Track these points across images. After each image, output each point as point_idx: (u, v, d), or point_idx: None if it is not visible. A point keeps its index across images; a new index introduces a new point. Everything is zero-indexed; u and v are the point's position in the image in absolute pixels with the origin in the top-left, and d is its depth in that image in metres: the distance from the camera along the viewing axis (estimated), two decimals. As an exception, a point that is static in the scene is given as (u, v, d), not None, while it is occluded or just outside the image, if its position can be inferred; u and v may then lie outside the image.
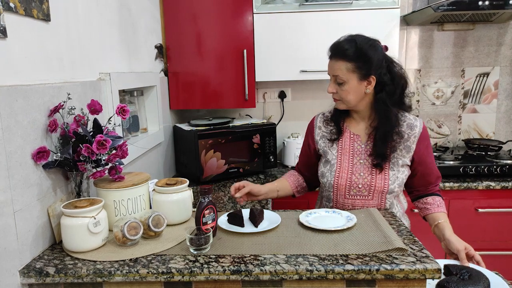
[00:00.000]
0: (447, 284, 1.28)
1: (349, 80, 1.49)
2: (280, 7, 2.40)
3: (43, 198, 1.24)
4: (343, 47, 1.49)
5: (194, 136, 2.26)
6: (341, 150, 1.62)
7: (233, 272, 1.10)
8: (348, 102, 1.53)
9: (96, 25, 1.61)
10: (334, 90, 1.53)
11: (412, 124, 1.56)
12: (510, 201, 2.26)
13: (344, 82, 1.49)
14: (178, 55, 2.48)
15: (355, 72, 1.48)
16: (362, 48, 1.48)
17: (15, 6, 1.13)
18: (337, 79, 1.51)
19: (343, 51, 1.49)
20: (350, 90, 1.50)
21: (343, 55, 1.48)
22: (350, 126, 1.63)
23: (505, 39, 2.71)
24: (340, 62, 1.49)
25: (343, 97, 1.52)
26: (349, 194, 1.58)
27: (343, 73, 1.48)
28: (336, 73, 1.50)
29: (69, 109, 1.31)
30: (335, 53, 1.51)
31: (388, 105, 1.52)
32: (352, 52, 1.47)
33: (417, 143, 1.55)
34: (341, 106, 1.57)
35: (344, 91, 1.51)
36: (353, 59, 1.47)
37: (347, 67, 1.48)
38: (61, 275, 1.12)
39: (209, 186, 1.29)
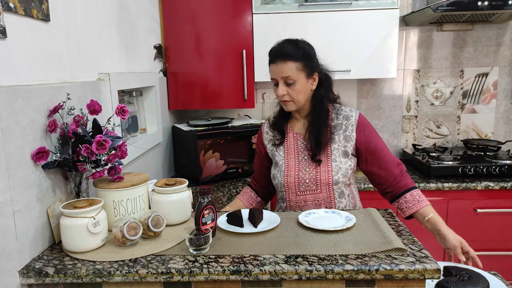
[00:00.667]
0: (446, 284, 1.28)
1: (299, 79, 1.54)
2: (279, 8, 2.41)
3: (42, 198, 1.24)
4: (288, 48, 1.55)
5: (193, 136, 2.26)
6: (287, 150, 1.68)
7: (232, 272, 1.10)
8: (299, 101, 1.58)
9: (95, 26, 1.61)
10: (285, 92, 1.56)
11: (347, 115, 1.62)
12: (509, 201, 2.26)
13: (294, 82, 1.54)
14: (177, 55, 2.48)
15: (303, 70, 1.54)
16: (304, 47, 1.57)
17: (14, 6, 1.13)
18: (287, 80, 1.54)
19: (289, 52, 1.54)
20: (301, 89, 1.56)
21: (291, 56, 1.53)
22: (292, 126, 1.70)
23: (504, 40, 2.71)
24: (289, 63, 1.53)
25: (295, 97, 1.56)
26: (299, 191, 1.62)
27: (294, 73, 1.53)
28: (287, 74, 1.53)
29: (68, 109, 1.31)
30: (282, 55, 1.55)
31: (323, 99, 1.61)
32: (298, 52, 1.54)
33: (356, 131, 1.60)
34: (292, 107, 1.60)
35: (295, 91, 1.55)
36: (300, 58, 1.54)
37: (296, 66, 1.53)
38: (60, 276, 1.12)
39: (208, 187, 1.29)
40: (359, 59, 2.43)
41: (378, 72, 2.48)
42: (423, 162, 2.41)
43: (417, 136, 2.87)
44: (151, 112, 2.25)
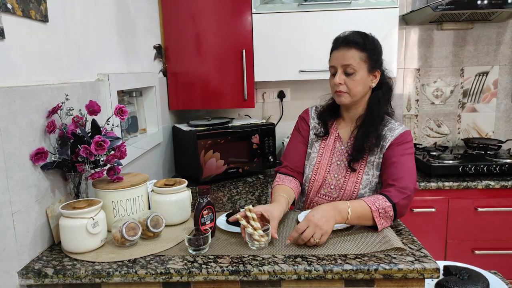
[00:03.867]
0: (446, 283, 1.28)
1: (360, 70, 1.45)
2: (279, 7, 2.40)
3: (41, 199, 1.24)
4: (356, 36, 1.47)
5: (193, 136, 2.26)
6: (324, 147, 1.60)
7: (231, 272, 1.10)
8: (355, 94, 1.47)
9: (94, 26, 1.61)
10: (342, 81, 1.46)
11: (393, 128, 1.50)
12: (509, 200, 2.26)
13: (355, 72, 1.45)
14: (177, 55, 2.48)
15: (366, 62, 1.45)
16: (373, 40, 1.49)
17: (12, 7, 1.13)
18: (347, 69, 1.45)
19: (356, 40, 1.45)
20: (360, 81, 1.46)
21: (357, 44, 1.45)
22: (338, 126, 1.61)
23: (504, 38, 2.70)
24: (353, 50, 1.44)
25: (352, 88, 1.46)
26: (319, 192, 1.58)
27: (356, 62, 1.44)
28: (348, 62, 1.44)
29: (67, 110, 1.31)
30: (347, 42, 1.46)
31: (380, 102, 1.51)
32: (366, 42, 1.46)
33: (391, 143, 1.47)
34: (346, 100, 1.49)
35: (354, 81, 1.45)
36: (366, 48, 1.45)
37: (360, 56, 1.44)
38: (59, 276, 1.12)
39: (207, 187, 1.29)
40: (359, 59, 2.42)
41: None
42: (424, 161, 2.41)
43: (417, 135, 2.86)
44: (151, 113, 2.25)
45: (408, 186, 1.37)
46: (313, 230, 1.20)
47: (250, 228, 1.21)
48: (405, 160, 1.44)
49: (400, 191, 1.36)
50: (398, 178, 1.39)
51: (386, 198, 1.34)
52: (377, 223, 1.30)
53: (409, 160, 1.45)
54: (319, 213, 1.24)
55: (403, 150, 1.45)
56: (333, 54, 1.51)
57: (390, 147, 1.47)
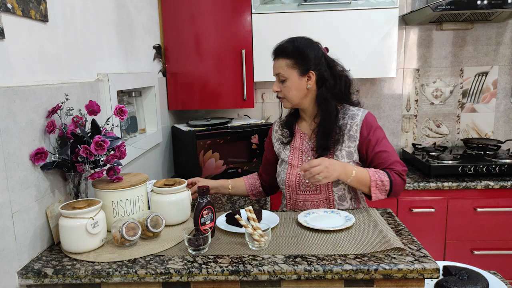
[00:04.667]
0: (445, 283, 1.28)
1: (290, 76, 1.57)
2: (278, 7, 2.40)
3: (41, 199, 1.24)
4: (282, 46, 1.60)
5: (193, 136, 2.26)
6: (293, 149, 1.69)
7: (231, 272, 1.10)
8: (291, 98, 1.60)
9: (94, 26, 1.61)
10: (278, 89, 1.61)
11: (354, 114, 1.60)
12: (508, 201, 2.26)
13: (286, 79, 1.58)
14: (176, 55, 2.48)
15: (294, 68, 1.57)
16: (299, 46, 1.59)
17: (12, 7, 1.13)
18: (279, 77, 1.59)
19: (282, 49, 1.59)
20: (292, 86, 1.58)
21: (282, 53, 1.59)
22: (300, 126, 1.72)
23: (504, 38, 2.71)
24: (280, 60, 1.59)
25: (286, 94, 1.60)
26: (299, 190, 1.64)
27: (284, 70, 1.57)
28: (278, 71, 1.59)
29: (67, 110, 1.31)
30: (277, 52, 1.61)
31: (328, 99, 1.59)
32: (291, 50, 1.58)
33: (360, 131, 1.57)
34: (287, 105, 1.64)
35: (286, 87, 1.59)
36: (291, 55, 1.57)
37: (286, 63, 1.57)
38: (59, 276, 1.12)
39: (207, 187, 1.29)
40: (358, 59, 2.43)
41: (378, 72, 2.48)
42: (423, 161, 2.41)
43: (417, 136, 2.87)
44: (150, 113, 2.25)
45: (403, 169, 1.54)
46: (321, 169, 1.40)
47: (250, 228, 1.21)
48: (384, 145, 1.57)
49: (399, 174, 1.53)
50: (391, 163, 1.54)
51: (386, 174, 1.50)
52: (372, 192, 1.49)
53: (387, 142, 1.59)
54: (332, 161, 1.46)
55: (377, 136, 1.57)
56: (272, 64, 1.64)
57: (361, 135, 1.57)
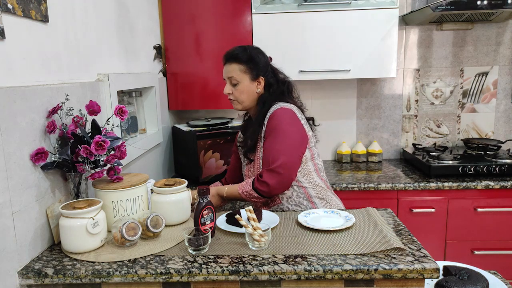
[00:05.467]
0: (445, 283, 1.28)
1: (242, 80, 1.67)
2: (278, 8, 2.40)
3: (41, 199, 1.24)
4: (236, 52, 1.69)
5: (193, 136, 2.26)
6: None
7: (231, 272, 1.10)
8: (242, 101, 1.70)
9: (94, 26, 1.61)
10: (230, 91, 1.70)
11: (270, 111, 1.66)
12: (509, 201, 2.26)
13: (238, 83, 1.67)
14: (176, 55, 2.48)
15: (246, 73, 1.67)
16: (251, 53, 1.69)
17: (13, 7, 1.13)
18: (231, 80, 1.68)
19: (236, 55, 1.68)
20: (244, 90, 1.68)
21: (236, 59, 1.68)
22: None
23: (504, 39, 2.71)
24: (234, 64, 1.68)
25: (238, 97, 1.69)
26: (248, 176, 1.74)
27: (237, 74, 1.67)
28: (231, 75, 1.68)
29: (67, 110, 1.31)
30: (230, 57, 1.69)
31: (265, 102, 1.69)
32: (244, 56, 1.67)
33: (266, 127, 1.65)
34: (238, 107, 1.73)
35: (238, 90, 1.68)
36: (245, 61, 1.67)
37: (240, 68, 1.67)
38: (59, 276, 1.12)
39: (207, 187, 1.29)
40: (358, 59, 2.43)
41: (378, 72, 2.48)
42: (423, 161, 2.41)
43: (417, 136, 2.87)
44: (151, 113, 2.25)
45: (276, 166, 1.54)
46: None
47: (250, 228, 1.21)
48: (270, 141, 1.60)
49: (271, 172, 1.55)
50: (267, 162, 1.58)
51: (252, 182, 1.59)
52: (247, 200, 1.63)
53: (276, 138, 1.59)
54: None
55: (269, 131, 1.62)
56: (224, 68, 1.72)
57: (264, 132, 1.65)
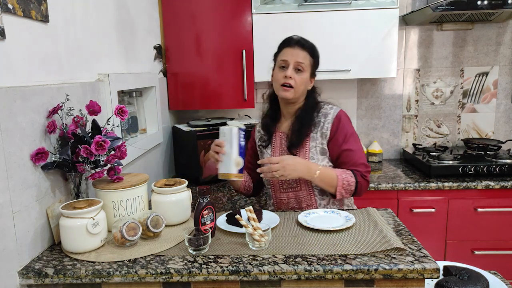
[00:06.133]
0: (446, 283, 1.28)
1: (307, 71, 1.62)
2: (279, 8, 2.40)
3: (42, 199, 1.24)
4: (308, 42, 1.65)
5: (193, 136, 2.27)
6: (274, 148, 1.72)
7: (231, 272, 1.10)
8: (298, 91, 1.62)
9: (94, 26, 1.61)
10: (292, 75, 1.59)
11: (326, 112, 1.65)
12: (509, 201, 2.26)
13: (303, 71, 1.61)
14: (177, 55, 2.48)
15: (311, 67, 1.64)
16: (317, 50, 1.68)
17: (13, 7, 1.13)
18: (298, 66, 1.60)
19: (310, 46, 1.64)
20: (304, 80, 1.62)
21: (309, 49, 1.63)
22: (280, 126, 1.74)
23: (504, 39, 2.71)
24: (305, 52, 1.62)
25: (297, 85, 1.60)
26: (283, 188, 1.67)
27: (307, 64, 1.61)
28: (302, 60, 1.60)
29: (67, 110, 1.31)
30: (302, 44, 1.63)
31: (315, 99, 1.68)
32: (314, 50, 1.66)
33: (331, 128, 1.61)
34: (291, 95, 1.62)
35: (301, 78, 1.61)
36: (314, 55, 1.65)
37: (309, 59, 1.63)
38: (60, 276, 1.12)
39: (207, 187, 1.29)
40: (359, 59, 2.43)
41: (378, 72, 2.48)
42: (424, 161, 2.41)
43: (417, 136, 2.87)
44: (151, 113, 2.25)
45: (367, 170, 1.59)
46: (278, 168, 1.48)
47: (250, 228, 1.21)
48: (351, 144, 1.61)
49: (362, 175, 1.57)
50: (359, 164, 1.59)
51: (353, 175, 1.56)
52: (337, 191, 1.54)
53: (354, 141, 1.62)
54: (294, 161, 1.52)
55: (345, 134, 1.61)
56: (286, 50, 1.64)
57: (334, 134, 1.61)
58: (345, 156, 1.60)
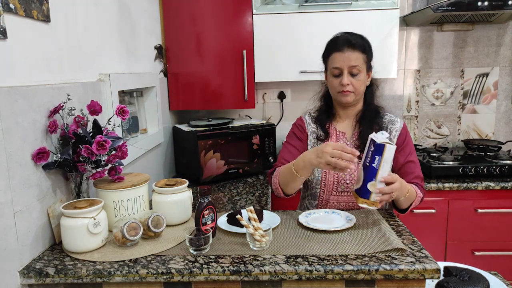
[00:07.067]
0: (446, 284, 1.28)
1: (362, 70, 1.54)
2: (279, 8, 2.41)
3: (43, 198, 1.24)
4: (357, 39, 1.54)
5: (194, 136, 2.27)
6: None
7: (232, 272, 1.11)
8: (359, 93, 1.57)
9: (95, 26, 1.61)
10: (349, 82, 1.53)
11: (393, 120, 1.63)
12: (509, 202, 2.26)
13: (359, 73, 1.53)
14: (177, 56, 2.48)
15: (365, 63, 1.55)
16: (368, 41, 1.58)
17: (15, 7, 1.13)
18: (352, 70, 1.52)
19: (359, 42, 1.53)
20: (363, 81, 1.56)
21: (360, 46, 1.53)
22: (336, 124, 1.67)
23: (504, 40, 2.71)
24: (357, 53, 1.52)
25: (357, 88, 1.54)
26: (336, 191, 1.59)
27: (361, 63, 1.53)
28: (355, 63, 1.51)
29: (69, 110, 1.32)
30: (352, 44, 1.52)
31: (373, 98, 1.64)
32: (364, 45, 1.55)
33: (399, 136, 1.59)
34: (351, 99, 1.56)
35: (359, 81, 1.54)
36: (366, 51, 1.55)
37: (363, 57, 1.54)
38: (61, 276, 1.12)
39: (208, 187, 1.29)
40: (359, 60, 2.43)
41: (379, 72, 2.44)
42: (424, 162, 2.41)
43: (417, 136, 2.87)
44: (151, 113, 2.25)
45: (424, 184, 1.60)
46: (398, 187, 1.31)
47: (251, 228, 1.21)
48: (415, 157, 1.60)
49: (423, 189, 1.56)
50: (419, 177, 1.57)
51: (420, 191, 1.53)
52: (412, 206, 1.51)
53: (415, 154, 1.62)
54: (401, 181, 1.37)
55: (411, 146, 1.60)
56: (335, 55, 1.55)
57: (401, 144, 1.58)
58: (408, 167, 1.57)
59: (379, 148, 1.24)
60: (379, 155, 1.23)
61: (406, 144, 1.59)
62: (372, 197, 1.26)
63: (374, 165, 1.24)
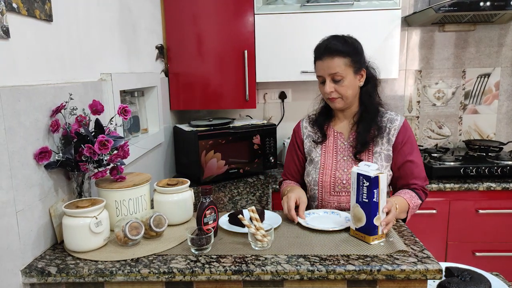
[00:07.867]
0: (448, 285, 1.28)
1: (347, 75, 1.51)
2: (281, 8, 2.41)
3: (45, 198, 1.24)
4: (335, 44, 1.52)
5: (194, 136, 2.27)
6: (325, 148, 1.65)
7: (234, 272, 1.11)
8: (347, 97, 1.54)
9: (97, 26, 1.61)
10: (332, 89, 1.53)
11: (392, 118, 1.60)
12: (510, 202, 2.26)
13: (342, 79, 1.51)
14: (178, 55, 2.48)
15: (351, 66, 1.51)
16: (352, 42, 1.54)
17: (17, 6, 1.13)
18: (334, 77, 1.51)
19: (337, 48, 1.50)
20: (349, 85, 1.53)
21: (339, 52, 1.50)
22: (334, 125, 1.67)
23: (506, 40, 2.71)
24: (336, 58, 1.50)
25: (343, 94, 1.53)
26: (334, 191, 1.59)
27: (342, 69, 1.50)
28: (334, 71, 1.50)
29: (71, 110, 1.32)
30: (329, 51, 1.51)
31: (372, 96, 1.60)
32: (346, 48, 1.51)
33: (397, 135, 1.56)
34: (340, 104, 1.56)
35: (343, 87, 1.52)
36: (348, 54, 1.51)
37: (344, 62, 1.50)
38: (62, 275, 1.12)
39: (210, 187, 1.29)
40: (360, 60, 2.43)
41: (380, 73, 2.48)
42: (425, 162, 2.41)
43: (419, 137, 2.87)
44: (152, 112, 2.25)
45: (427, 184, 1.59)
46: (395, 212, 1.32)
47: (252, 228, 1.21)
48: (416, 156, 1.58)
49: (424, 191, 1.57)
50: (420, 178, 1.56)
51: (418, 196, 1.53)
52: (408, 217, 1.53)
53: (418, 154, 1.60)
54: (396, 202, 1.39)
55: (411, 145, 1.57)
56: (317, 64, 1.56)
57: (400, 142, 1.56)
58: (408, 167, 1.55)
59: (375, 181, 1.22)
60: (376, 188, 1.23)
61: (405, 143, 1.56)
62: (381, 230, 1.25)
63: (374, 199, 1.23)
